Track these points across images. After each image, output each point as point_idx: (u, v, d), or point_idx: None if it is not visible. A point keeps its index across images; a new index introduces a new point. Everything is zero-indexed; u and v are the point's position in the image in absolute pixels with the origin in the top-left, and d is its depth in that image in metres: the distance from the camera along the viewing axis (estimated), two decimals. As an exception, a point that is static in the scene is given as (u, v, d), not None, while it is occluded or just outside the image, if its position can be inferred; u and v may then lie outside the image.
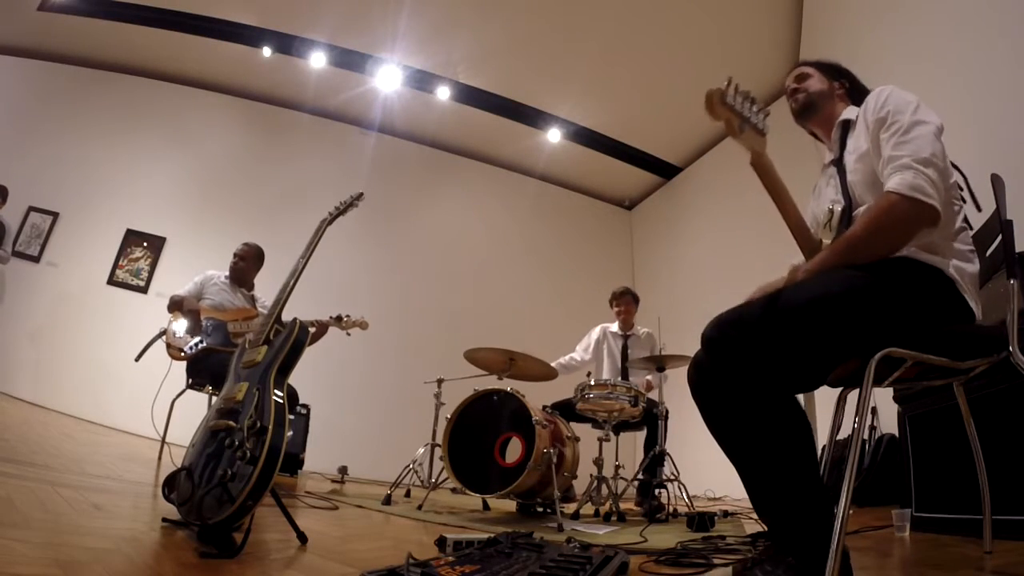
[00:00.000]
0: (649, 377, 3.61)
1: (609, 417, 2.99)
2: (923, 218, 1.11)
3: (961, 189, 1.26)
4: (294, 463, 3.23)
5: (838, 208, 1.35)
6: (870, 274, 1.14)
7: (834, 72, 1.52)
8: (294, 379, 1.55)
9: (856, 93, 1.47)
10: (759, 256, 3.04)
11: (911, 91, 1.26)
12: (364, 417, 5.44)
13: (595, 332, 4.00)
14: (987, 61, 2.47)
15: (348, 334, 3.34)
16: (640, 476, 3.27)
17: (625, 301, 3.94)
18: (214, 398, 2.67)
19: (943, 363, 1.13)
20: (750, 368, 1.03)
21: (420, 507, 2.67)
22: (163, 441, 3.16)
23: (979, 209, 1.29)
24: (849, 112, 1.41)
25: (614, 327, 3.96)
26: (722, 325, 1.08)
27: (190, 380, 3.09)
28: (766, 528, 1.16)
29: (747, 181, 1.44)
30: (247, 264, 3.47)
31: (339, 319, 3.30)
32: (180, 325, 3.18)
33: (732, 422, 1.09)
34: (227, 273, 3.45)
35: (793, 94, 1.52)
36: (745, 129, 1.00)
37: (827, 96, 1.47)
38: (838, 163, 1.37)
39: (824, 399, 1.43)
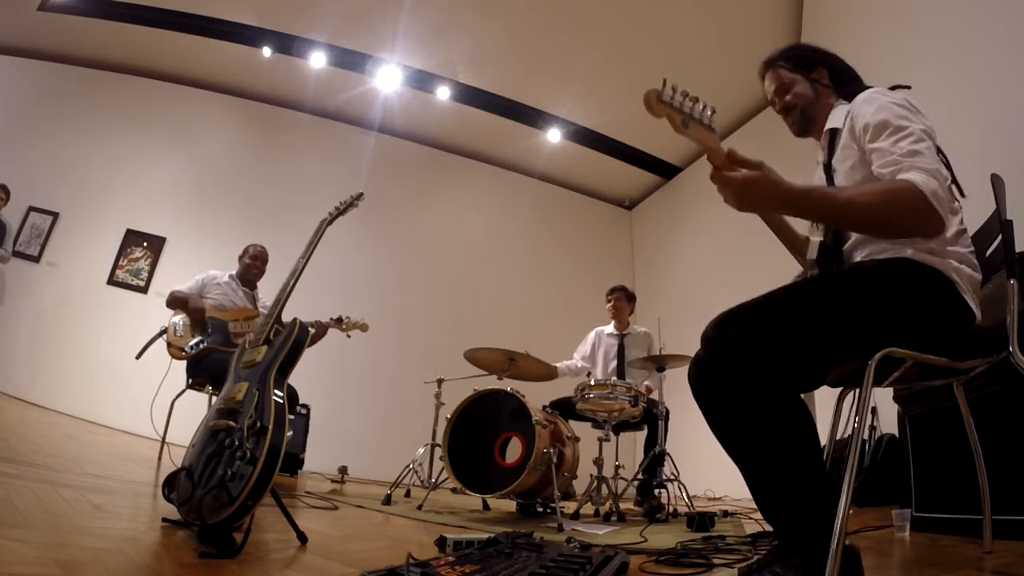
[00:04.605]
0: (648, 383, 3.61)
1: (609, 417, 2.99)
2: (928, 226, 1.05)
3: (954, 182, 1.22)
4: (294, 463, 3.23)
5: None
6: (871, 275, 1.14)
7: (809, 63, 1.40)
8: (294, 379, 1.55)
9: (837, 75, 1.39)
10: (759, 256, 3.04)
11: (911, 93, 1.25)
12: (364, 417, 5.44)
13: (590, 336, 4.01)
14: (987, 61, 2.47)
15: (348, 336, 3.34)
16: (640, 476, 3.27)
17: (616, 296, 3.95)
18: (214, 398, 2.67)
19: (943, 363, 1.13)
20: (752, 368, 1.03)
21: (420, 507, 2.67)
22: (163, 441, 3.16)
23: (963, 195, 1.25)
24: (835, 118, 1.33)
25: (608, 328, 3.96)
26: (723, 324, 1.07)
27: (190, 380, 3.09)
28: (769, 528, 1.15)
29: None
30: (263, 265, 3.51)
31: (339, 321, 3.30)
32: (180, 319, 3.17)
33: (735, 422, 1.08)
34: (230, 273, 3.45)
35: (786, 113, 1.41)
36: (689, 124, 1.02)
37: (816, 100, 1.38)
38: (827, 167, 1.35)
39: (824, 399, 1.43)
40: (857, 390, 1.09)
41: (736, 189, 1.05)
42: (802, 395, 1.08)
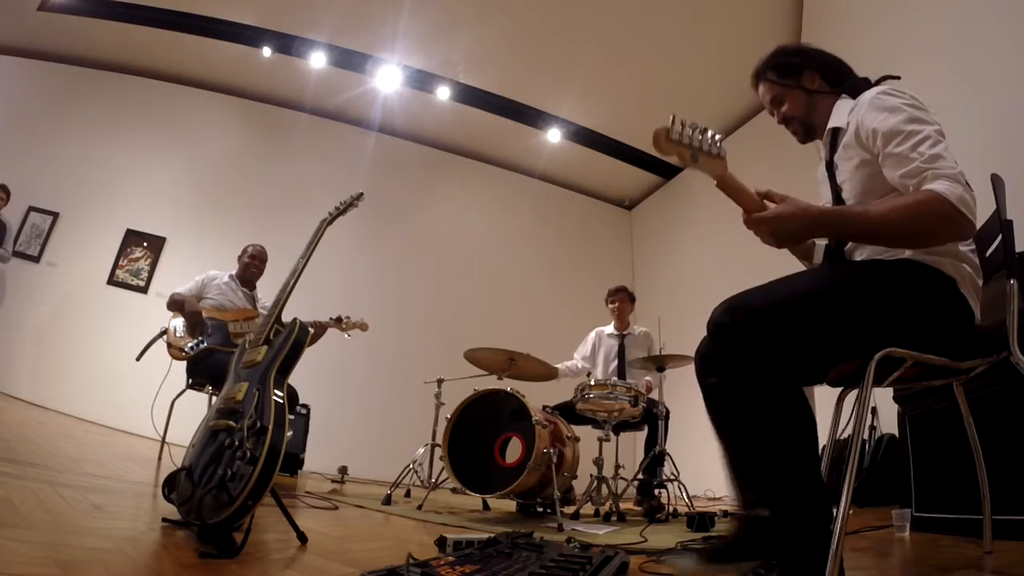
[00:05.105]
0: (648, 378, 3.61)
1: (609, 417, 2.99)
2: (960, 232, 1.06)
3: None
4: (294, 463, 3.23)
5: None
6: (873, 274, 1.14)
7: (796, 70, 1.38)
8: (294, 379, 1.55)
9: (829, 73, 1.37)
10: (759, 256, 3.03)
11: (900, 83, 1.25)
12: (364, 417, 5.44)
13: (591, 337, 4.00)
14: (988, 61, 2.47)
15: (348, 335, 3.34)
16: (640, 476, 3.27)
17: (620, 298, 3.94)
18: (214, 398, 2.67)
19: (943, 363, 1.13)
20: (756, 359, 1.03)
21: (420, 507, 2.67)
22: (163, 441, 3.16)
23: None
24: (838, 116, 1.31)
25: (608, 328, 3.96)
26: (733, 311, 1.07)
27: (190, 380, 3.09)
28: (737, 508, 1.13)
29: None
30: (262, 265, 3.51)
31: (339, 320, 3.30)
32: (180, 322, 3.18)
33: (734, 413, 1.08)
34: (230, 273, 3.45)
35: (786, 123, 1.40)
36: (699, 158, 1.05)
37: (812, 107, 1.37)
38: (829, 164, 1.34)
39: (824, 399, 1.43)
40: (857, 390, 1.08)
41: (769, 226, 1.09)
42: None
